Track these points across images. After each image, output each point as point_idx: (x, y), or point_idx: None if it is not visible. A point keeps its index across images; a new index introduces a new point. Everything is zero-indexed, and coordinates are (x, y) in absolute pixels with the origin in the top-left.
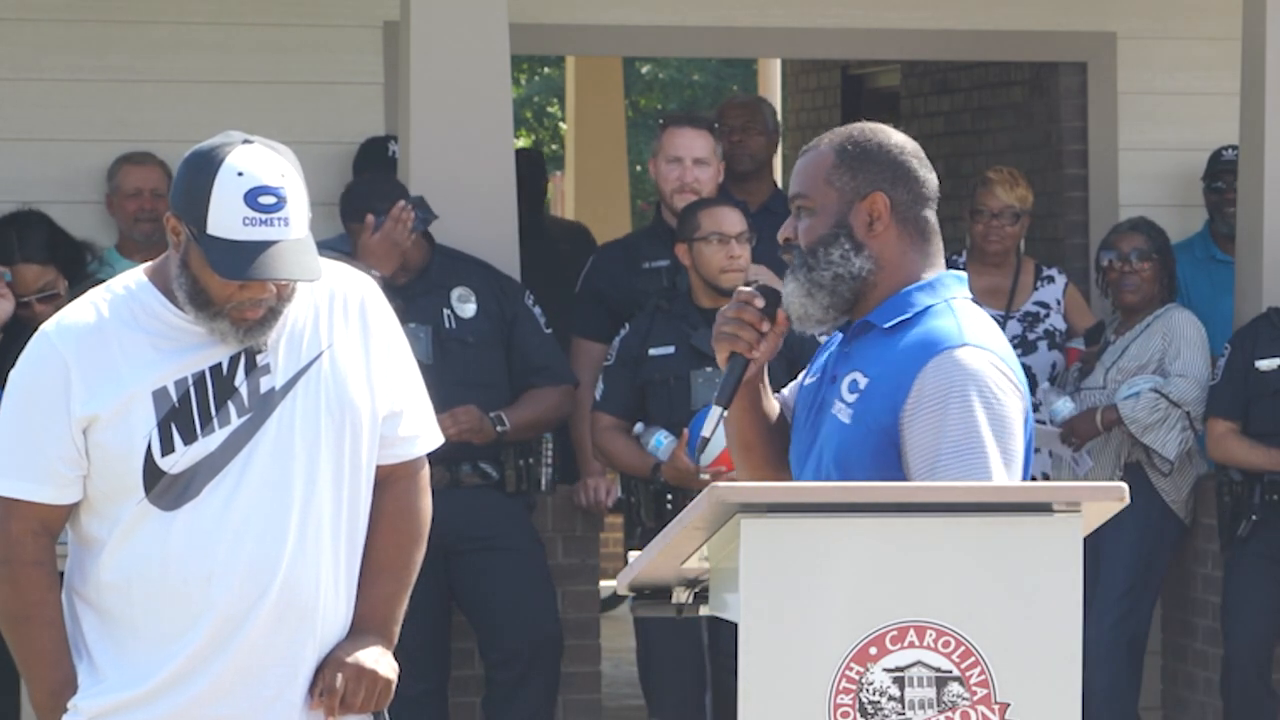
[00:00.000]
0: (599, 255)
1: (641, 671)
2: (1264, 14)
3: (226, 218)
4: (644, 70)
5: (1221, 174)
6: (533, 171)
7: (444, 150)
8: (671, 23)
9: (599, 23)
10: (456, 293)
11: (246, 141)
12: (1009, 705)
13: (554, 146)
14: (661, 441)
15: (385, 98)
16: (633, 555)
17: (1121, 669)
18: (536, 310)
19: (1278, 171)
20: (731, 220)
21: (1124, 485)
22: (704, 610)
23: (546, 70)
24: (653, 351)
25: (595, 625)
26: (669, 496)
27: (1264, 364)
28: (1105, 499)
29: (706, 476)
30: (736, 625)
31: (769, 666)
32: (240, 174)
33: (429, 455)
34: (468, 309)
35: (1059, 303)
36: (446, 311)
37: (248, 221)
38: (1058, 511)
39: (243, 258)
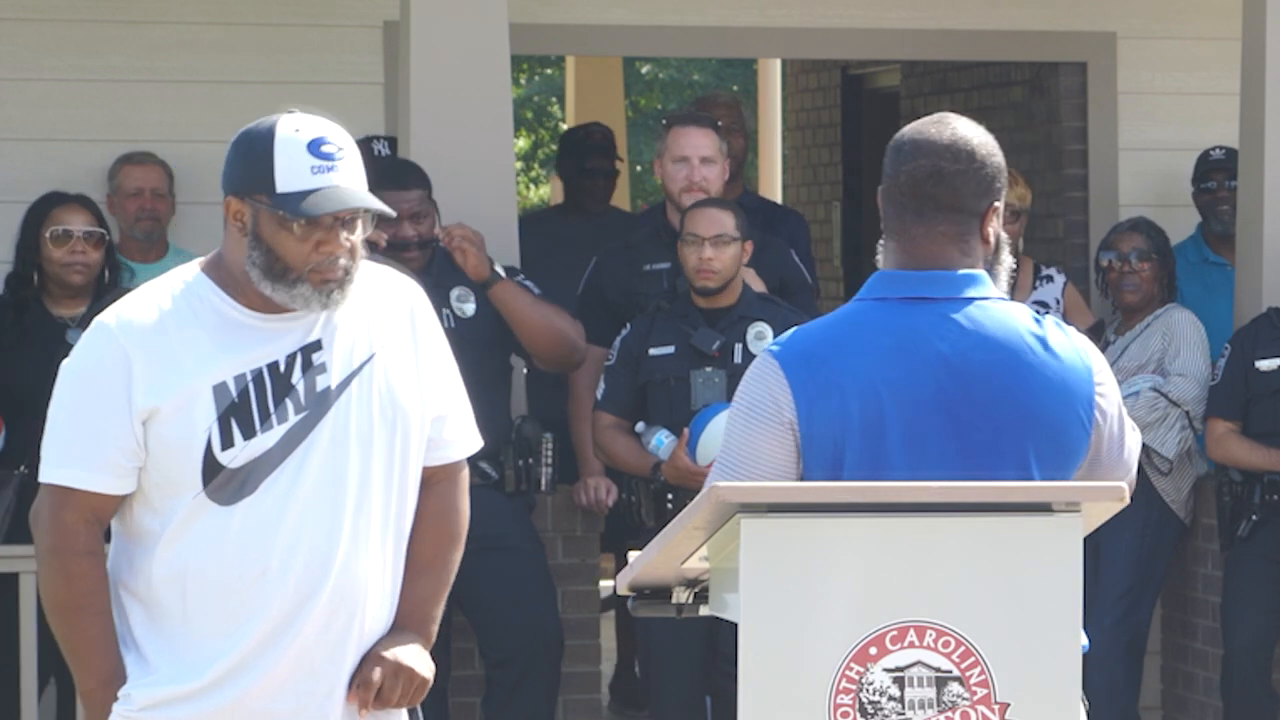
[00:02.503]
0: (601, 258)
1: (642, 672)
2: (1264, 14)
3: (294, 171)
4: (644, 70)
5: (1211, 174)
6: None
7: (444, 150)
8: (671, 23)
9: (599, 23)
10: (456, 292)
11: (289, 112)
12: (1009, 705)
13: (554, 146)
14: (662, 441)
15: (385, 98)
16: (633, 555)
17: (1121, 669)
18: (529, 284)
19: (1278, 171)
20: (707, 221)
21: (1124, 485)
22: (704, 610)
23: (546, 70)
24: (653, 351)
25: (595, 625)
26: (669, 496)
27: (1264, 364)
28: (1105, 499)
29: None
30: (736, 625)
31: (769, 666)
32: (297, 130)
33: None
34: (467, 308)
35: (1058, 302)
36: (446, 311)
37: (315, 170)
38: (1058, 511)
39: (322, 200)
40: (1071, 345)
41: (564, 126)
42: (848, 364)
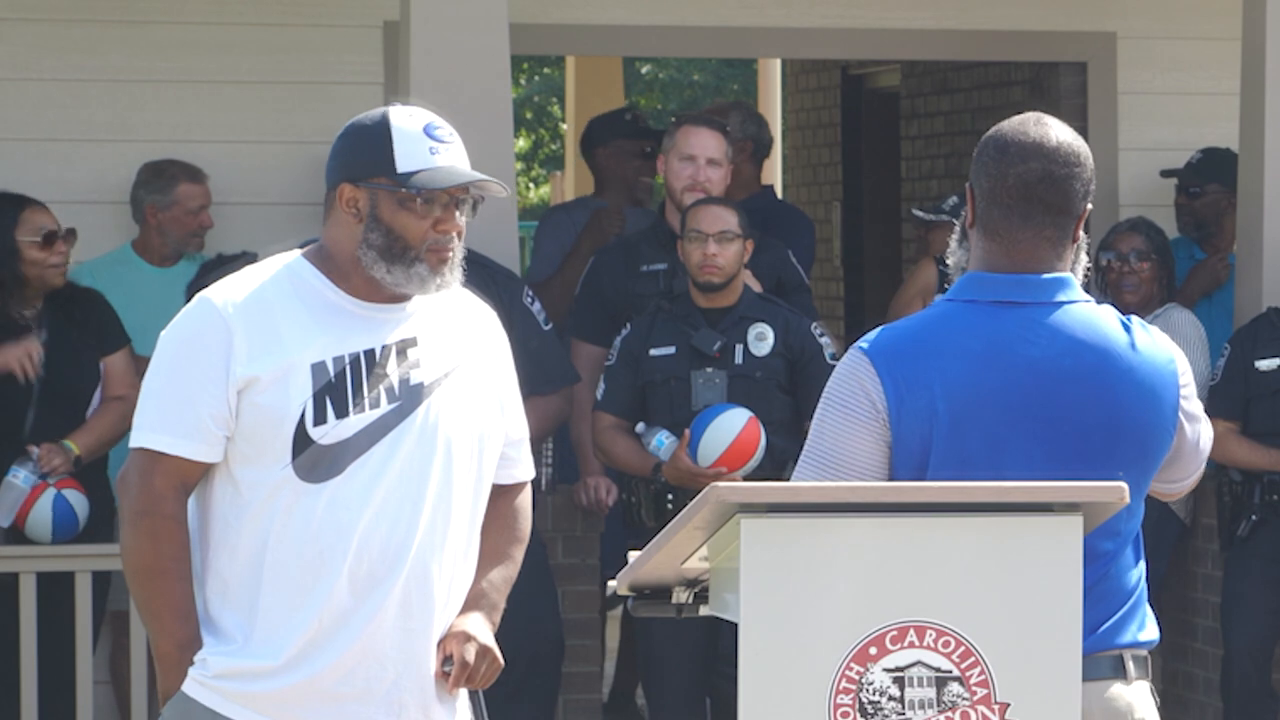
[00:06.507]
0: (600, 256)
1: (642, 672)
2: (1264, 14)
3: (414, 152)
4: (644, 70)
5: (1182, 177)
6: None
7: None
8: (671, 23)
9: (599, 23)
10: None
11: (391, 105)
12: (1009, 705)
13: (554, 146)
14: (663, 442)
15: (385, 98)
16: (633, 555)
17: None
18: (535, 307)
19: (1278, 171)
20: (711, 218)
21: (1124, 485)
22: (704, 610)
23: (546, 70)
24: (653, 352)
25: (595, 625)
26: (669, 496)
27: (1264, 364)
28: (1105, 499)
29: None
30: (736, 625)
31: (769, 666)
32: (410, 115)
33: None
34: None
35: None
36: None
37: (433, 151)
38: (1058, 511)
39: (441, 176)
40: (1157, 347)
41: (564, 127)
42: (936, 364)
